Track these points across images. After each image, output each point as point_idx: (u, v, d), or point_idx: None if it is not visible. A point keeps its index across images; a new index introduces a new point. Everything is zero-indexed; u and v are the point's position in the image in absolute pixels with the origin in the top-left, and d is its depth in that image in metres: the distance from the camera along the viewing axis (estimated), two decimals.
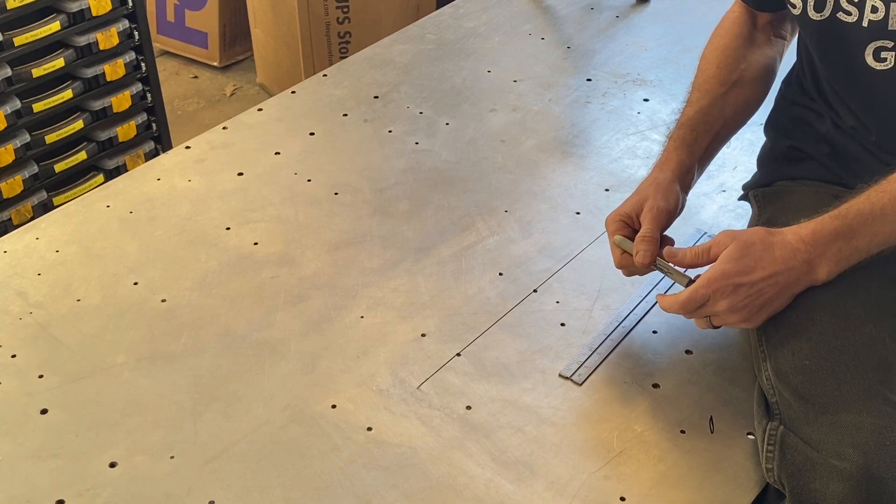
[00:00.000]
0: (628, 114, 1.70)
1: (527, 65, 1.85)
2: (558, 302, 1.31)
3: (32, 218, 2.07)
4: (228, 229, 1.43)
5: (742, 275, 1.07)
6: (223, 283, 1.33)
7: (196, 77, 3.32)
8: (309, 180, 1.53)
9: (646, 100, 1.74)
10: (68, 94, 2.16)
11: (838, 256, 1.08)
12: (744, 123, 1.33)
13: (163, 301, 1.30)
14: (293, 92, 1.76)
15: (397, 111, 1.71)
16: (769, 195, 1.30)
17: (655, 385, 1.19)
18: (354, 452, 1.10)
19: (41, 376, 1.19)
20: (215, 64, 3.32)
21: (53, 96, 2.13)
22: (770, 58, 1.31)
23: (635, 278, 1.32)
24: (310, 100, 1.74)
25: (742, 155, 1.58)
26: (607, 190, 1.52)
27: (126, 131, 2.30)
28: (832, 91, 1.21)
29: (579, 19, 2.01)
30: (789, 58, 1.34)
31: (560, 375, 1.20)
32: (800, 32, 1.25)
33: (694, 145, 1.26)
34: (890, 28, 1.08)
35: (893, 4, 1.07)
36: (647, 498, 1.05)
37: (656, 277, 1.33)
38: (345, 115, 1.69)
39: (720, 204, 1.48)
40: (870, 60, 1.11)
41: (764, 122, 1.36)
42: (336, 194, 1.50)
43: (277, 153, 1.59)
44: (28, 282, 1.33)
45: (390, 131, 1.66)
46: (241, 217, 1.45)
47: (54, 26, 2.08)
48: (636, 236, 1.18)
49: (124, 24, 2.20)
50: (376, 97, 1.74)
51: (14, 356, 1.21)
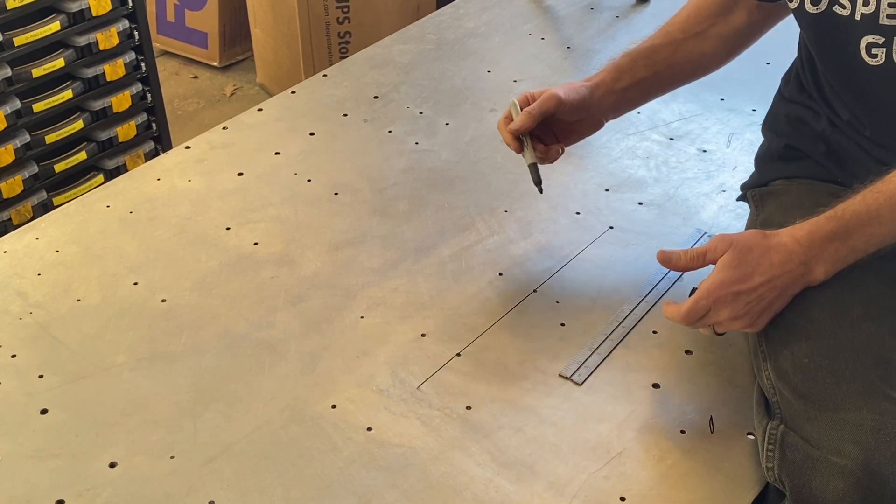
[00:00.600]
0: (628, 114, 1.70)
1: (527, 65, 1.85)
2: (558, 302, 1.31)
3: (32, 218, 2.07)
4: (228, 229, 1.43)
5: (740, 282, 1.08)
6: (223, 283, 1.33)
7: (196, 77, 3.32)
8: (309, 180, 1.53)
9: None
10: (68, 94, 2.16)
11: (834, 257, 1.08)
12: (692, 77, 1.39)
13: (163, 301, 1.30)
14: (293, 92, 1.76)
15: (397, 111, 1.71)
16: (766, 194, 1.30)
17: (655, 385, 1.19)
18: (354, 452, 1.10)
19: (41, 376, 1.19)
20: (215, 64, 3.32)
21: (53, 96, 2.13)
22: (739, 33, 1.32)
23: (634, 278, 1.33)
24: (310, 100, 1.74)
25: (742, 155, 1.58)
26: (607, 190, 1.52)
27: (126, 131, 2.30)
28: (829, 86, 1.21)
29: (579, 19, 2.01)
30: (788, 56, 1.34)
31: (560, 375, 1.20)
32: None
33: (624, 72, 1.32)
34: (880, 22, 1.08)
35: None
36: (647, 498, 1.05)
37: (656, 277, 1.33)
38: (345, 115, 1.69)
39: (720, 204, 1.48)
40: (863, 55, 1.11)
41: (762, 122, 1.36)
42: (336, 194, 1.50)
43: (277, 153, 1.59)
44: (28, 282, 1.33)
45: (390, 131, 1.66)
46: (241, 217, 1.45)
47: (54, 26, 2.08)
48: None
49: (124, 24, 2.20)
50: (376, 97, 1.74)
51: (14, 356, 1.21)
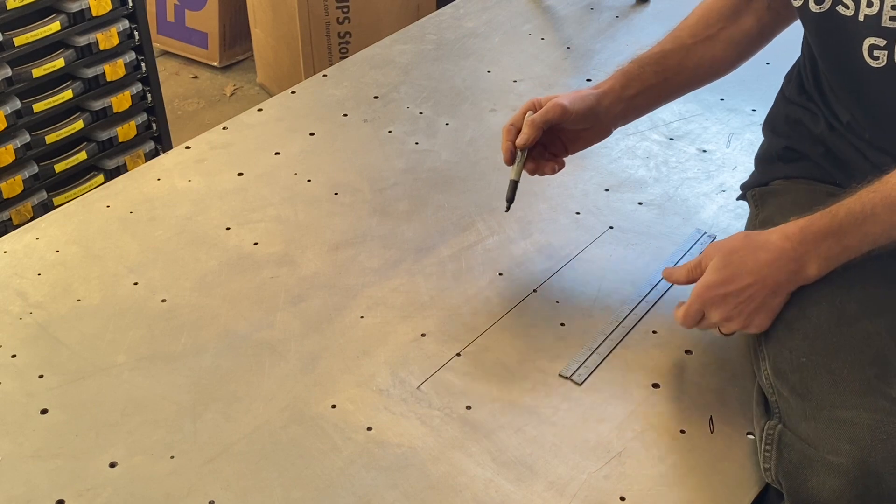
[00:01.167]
0: None
1: (527, 65, 1.85)
2: (558, 302, 1.31)
3: (32, 218, 2.07)
4: (228, 229, 1.43)
5: (727, 283, 1.09)
6: (223, 283, 1.33)
7: (196, 77, 3.32)
8: (309, 180, 1.53)
9: None
10: (68, 94, 2.16)
11: (828, 254, 1.07)
12: (703, 82, 1.37)
13: (163, 301, 1.30)
14: (293, 92, 1.76)
15: (397, 111, 1.71)
16: (765, 194, 1.30)
17: (655, 385, 1.19)
18: (354, 452, 1.10)
19: (41, 376, 1.19)
20: (215, 64, 3.32)
21: (53, 96, 2.13)
22: (749, 36, 1.31)
23: (634, 278, 1.33)
24: (310, 100, 1.74)
25: (742, 155, 1.58)
26: (607, 190, 1.52)
27: (126, 131, 2.30)
28: (829, 87, 1.21)
29: (579, 19, 2.01)
30: (788, 56, 1.34)
31: (560, 375, 1.20)
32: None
33: (633, 79, 1.30)
34: (883, 24, 1.07)
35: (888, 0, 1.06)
36: (647, 498, 1.05)
37: (656, 277, 1.33)
38: (345, 116, 1.69)
39: (720, 204, 1.48)
40: (865, 56, 1.10)
41: (763, 122, 1.37)
42: (336, 194, 1.50)
43: (277, 153, 1.59)
44: (28, 282, 1.33)
45: (390, 131, 1.66)
46: (241, 217, 1.45)
47: (54, 26, 2.08)
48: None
49: (124, 24, 2.20)
50: (376, 97, 1.74)
51: (14, 356, 1.21)
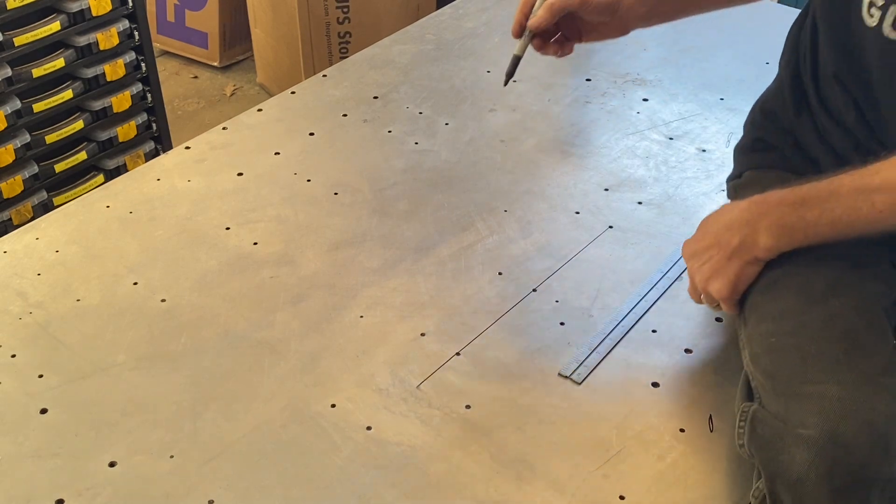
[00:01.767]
0: (628, 114, 1.70)
1: (526, 65, 1.84)
2: (558, 301, 1.31)
3: (32, 218, 2.08)
4: (228, 229, 1.43)
5: (696, 241, 1.17)
6: (223, 283, 1.33)
7: (196, 77, 3.32)
8: (309, 180, 1.53)
9: (645, 99, 1.74)
10: (68, 94, 2.16)
11: (781, 221, 1.08)
12: (728, 3, 1.37)
13: (163, 301, 1.30)
14: (293, 92, 1.76)
15: (397, 111, 1.71)
16: (739, 186, 1.32)
17: (655, 384, 1.19)
18: (354, 452, 1.10)
19: (41, 376, 1.19)
20: (215, 64, 3.32)
21: (53, 96, 2.14)
22: None
23: (634, 277, 1.34)
24: (310, 100, 1.74)
25: None
26: (607, 190, 1.52)
27: (126, 131, 2.31)
28: (823, 60, 1.19)
29: None
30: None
31: (559, 375, 1.20)
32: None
33: None
34: None
35: None
36: (647, 497, 1.06)
37: (656, 277, 1.34)
38: (344, 116, 1.70)
39: (719, 203, 1.47)
40: (864, 14, 1.08)
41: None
42: (336, 194, 1.50)
43: (277, 153, 1.59)
44: (28, 282, 1.33)
45: (390, 131, 1.66)
46: (241, 217, 1.45)
47: (54, 26, 2.08)
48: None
49: (124, 24, 2.20)
50: (376, 97, 1.75)
51: (14, 356, 1.21)
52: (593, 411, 1.15)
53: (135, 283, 1.33)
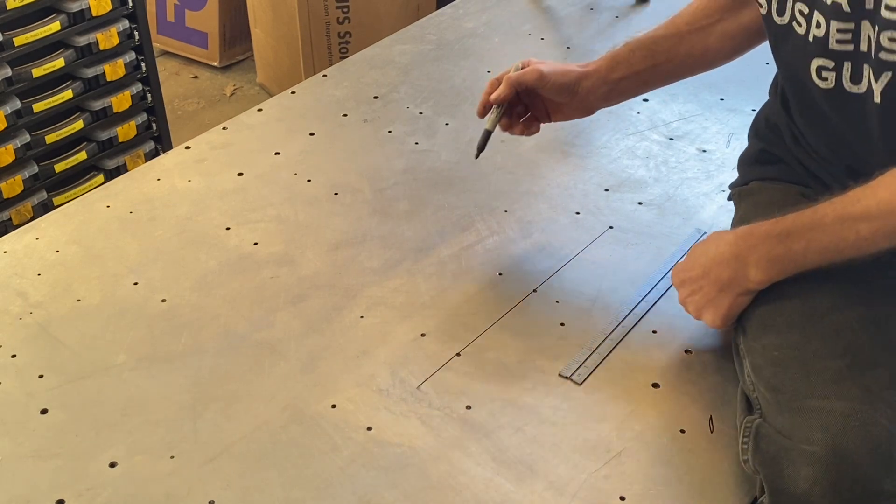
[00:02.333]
0: (628, 114, 1.70)
1: None
2: (558, 302, 1.31)
3: (32, 218, 2.07)
4: (228, 229, 1.43)
5: (685, 270, 1.18)
6: (223, 283, 1.33)
7: (196, 77, 3.32)
8: (309, 180, 1.53)
9: (645, 100, 1.74)
10: (68, 94, 2.16)
11: (769, 255, 1.08)
12: (692, 72, 1.37)
13: (163, 301, 1.30)
14: (293, 92, 1.76)
15: (397, 111, 1.71)
16: (743, 193, 1.32)
17: (655, 385, 1.19)
18: (354, 452, 1.10)
19: (41, 376, 1.19)
20: (215, 64, 3.32)
21: (53, 96, 2.13)
22: (746, 31, 1.30)
23: (634, 278, 1.34)
24: (310, 100, 1.74)
25: None
26: (607, 190, 1.52)
27: (126, 131, 2.30)
28: (790, 100, 1.21)
29: (579, 19, 2.01)
30: None
31: (560, 375, 1.20)
32: None
33: (621, 62, 1.31)
34: (829, 47, 1.06)
35: (833, 22, 1.04)
36: (647, 498, 1.05)
37: (656, 277, 1.33)
38: (345, 116, 1.69)
39: (720, 204, 1.48)
40: (814, 77, 1.09)
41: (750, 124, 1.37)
42: (336, 194, 1.50)
43: (277, 153, 1.59)
44: (28, 282, 1.33)
45: (390, 131, 1.66)
46: (241, 217, 1.45)
47: (54, 26, 2.08)
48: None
49: (124, 24, 2.20)
50: (376, 97, 1.75)
51: (14, 356, 1.21)
52: (594, 412, 1.15)
53: (135, 284, 1.33)
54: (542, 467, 1.08)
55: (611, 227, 1.44)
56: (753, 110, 1.69)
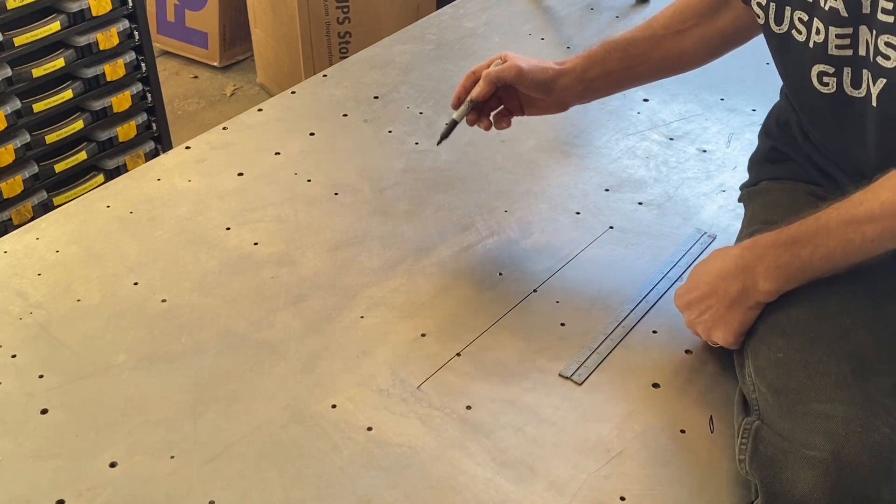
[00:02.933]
0: (628, 114, 1.70)
1: None
2: (558, 302, 1.31)
3: (32, 218, 2.07)
4: (228, 229, 1.43)
5: (689, 292, 1.17)
6: (223, 283, 1.33)
7: (196, 77, 3.32)
8: (309, 180, 1.53)
9: (645, 100, 1.74)
10: (68, 94, 2.16)
11: (777, 262, 1.07)
12: (667, 74, 1.40)
13: (163, 301, 1.30)
14: (293, 92, 1.76)
15: (397, 111, 1.71)
16: (753, 194, 1.32)
17: (655, 385, 1.19)
18: (354, 452, 1.10)
19: (41, 376, 1.19)
20: (215, 64, 3.32)
21: (53, 96, 2.13)
22: (722, 35, 1.31)
23: (634, 278, 1.34)
24: (310, 100, 1.74)
25: (742, 155, 1.58)
26: (607, 190, 1.52)
27: (126, 131, 2.30)
28: (795, 106, 1.22)
29: (579, 20, 2.01)
30: None
31: (560, 375, 1.20)
32: None
33: (597, 62, 1.33)
34: (829, 53, 1.06)
35: (832, 28, 1.05)
36: (647, 498, 1.05)
37: (656, 277, 1.33)
38: (345, 116, 1.69)
39: (720, 204, 1.48)
40: (814, 82, 1.10)
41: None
42: (336, 194, 1.50)
43: (277, 153, 1.59)
44: (28, 282, 1.33)
45: (390, 131, 1.66)
46: (241, 217, 1.45)
47: (54, 26, 2.08)
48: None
49: (124, 24, 2.20)
50: (376, 97, 1.75)
51: (14, 356, 1.21)
52: (594, 412, 1.15)
53: (135, 284, 1.33)
54: (542, 467, 1.08)
55: (611, 227, 1.44)
56: (754, 110, 1.69)
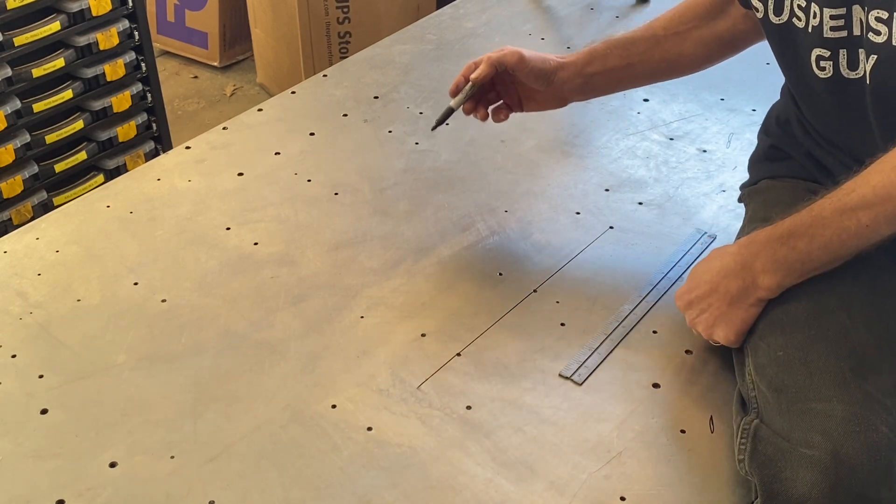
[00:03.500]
0: (628, 114, 1.70)
1: None
2: (558, 302, 1.31)
3: (32, 218, 2.08)
4: (228, 229, 1.43)
5: (690, 291, 1.17)
6: (223, 283, 1.33)
7: (196, 77, 3.32)
8: (309, 180, 1.53)
9: (646, 100, 1.74)
10: (68, 94, 2.16)
11: (775, 256, 1.08)
12: (666, 76, 1.40)
13: (163, 301, 1.30)
14: (293, 92, 1.76)
15: (397, 111, 1.71)
16: (753, 192, 1.32)
17: (655, 385, 1.19)
18: (354, 452, 1.10)
19: (41, 376, 1.19)
20: (215, 64, 3.32)
21: (53, 96, 2.14)
22: (720, 39, 1.32)
23: (634, 278, 1.34)
24: (310, 100, 1.74)
25: (742, 155, 1.58)
26: (607, 190, 1.52)
27: (126, 131, 2.31)
28: (796, 98, 1.23)
29: (579, 19, 2.01)
30: None
31: (560, 375, 1.20)
32: None
33: (597, 57, 1.34)
34: (825, 35, 1.07)
35: (826, 10, 1.06)
36: (647, 498, 1.05)
37: (656, 277, 1.33)
38: (345, 116, 1.69)
39: (720, 204, 1.48)
40: (814, 68, 1.11)
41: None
42: (336, 194, 1.50)
43: (277, 153, 1.59)
44: (28, 282, 1.33)
45: (390, 131, 1.66)
46: (241, 217, 1.45)
47: (54, 26, 2.08)
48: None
49: (124, 24, 2.20)
50: (376, 97, 1.75)
51: (14, 356, 1.21)
52: (594, 412, 1.15)
53: (135, 284, 1.33)
54: (542, 467, 1.08)
55: (611, 227, 1.44)
56: (754, 110, 1.69)
